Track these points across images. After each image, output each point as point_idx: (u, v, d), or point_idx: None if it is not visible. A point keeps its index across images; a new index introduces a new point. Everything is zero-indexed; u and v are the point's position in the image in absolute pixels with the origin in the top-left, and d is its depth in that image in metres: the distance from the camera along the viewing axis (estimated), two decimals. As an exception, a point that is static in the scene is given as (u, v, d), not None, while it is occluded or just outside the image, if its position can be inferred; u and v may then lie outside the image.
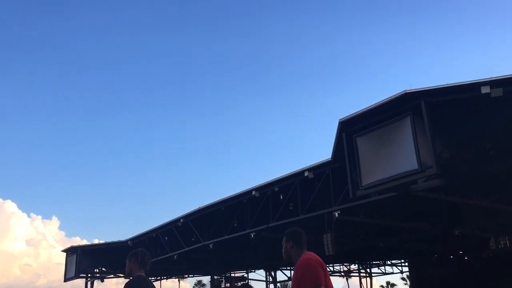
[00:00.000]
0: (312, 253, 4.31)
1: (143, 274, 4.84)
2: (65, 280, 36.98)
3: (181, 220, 27.49)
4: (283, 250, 4.50)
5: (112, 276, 40.37)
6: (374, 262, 38.33)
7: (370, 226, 23.15)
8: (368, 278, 38.67)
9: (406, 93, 12.59)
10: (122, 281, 51.86)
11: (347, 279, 56.65)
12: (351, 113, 14.79)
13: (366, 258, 36.04)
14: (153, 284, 4.73)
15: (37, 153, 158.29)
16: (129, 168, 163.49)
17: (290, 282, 60.51)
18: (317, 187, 19.18)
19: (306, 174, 19.24)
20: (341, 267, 41.62)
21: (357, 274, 40.30)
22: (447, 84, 12.28)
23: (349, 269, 41.85)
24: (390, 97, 13.20)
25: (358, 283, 39.97)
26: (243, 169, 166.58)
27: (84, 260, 34.67)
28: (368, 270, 38.58)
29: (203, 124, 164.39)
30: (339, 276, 47.31)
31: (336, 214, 18.50)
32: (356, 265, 39.41)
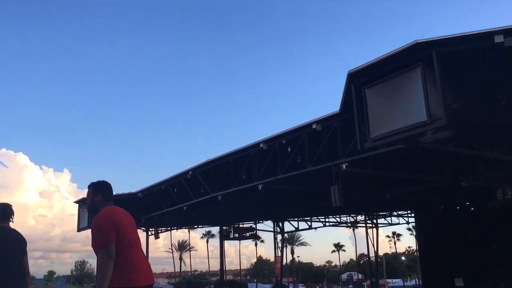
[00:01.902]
0: (113, 207, 4.24)
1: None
2: (79, 230, 38.03)
3: (190, 173, 27.78)
4: (88, 202, 4.43)
5: (123, 226, 41.35)
6: (380, 213, 38.82)
7: (377, 178, 23.27)
8: (374, 229, 39.31)
9: (417, 42, 12.28)
10: (133, 231, 53.02)
11: (353, 230, 57.91)
12: (360, 64, 14.54)
13: (373, 209, 36.49)
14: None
15: (47, 107, 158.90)
16: (138, 119, 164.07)
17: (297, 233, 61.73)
18: (325, 139, 19.16)
19: (314, 126, 19.18)
20: (348, 218, 42.26)
21: (364, 225, 40.94)
22: (459, 34, 11.93)
23: (355, 220, 42.51)
24: (401, 47, 12.89)
25: (365, 234, 40.72)
26: (252, 123, 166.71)
27: (96, 211, 35.41)
28: (374, 221, 39.13)
29: (214, 75, 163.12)
30: (346, 226, 48.21)
31: (344, 166, 18.57)
32: (363, 216, 39.97)
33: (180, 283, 60.49)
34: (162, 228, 42.82)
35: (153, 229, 40.58)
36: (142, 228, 42.20)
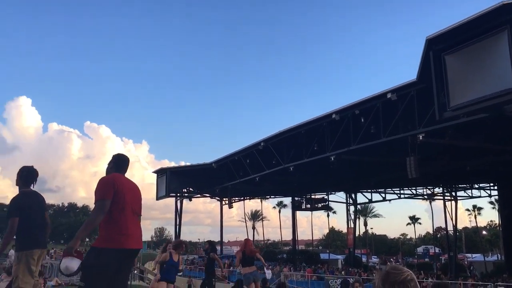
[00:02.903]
0: (119, 175, 4.63)
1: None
2: (157, 198, 40.07)
3: (262, 144, 28.09)
4: (107, 167, 4.85)
5: (199, 195, 42.99)
6: (460, 186, 37.14)
7: (456, 148, 22.22)
8: (452, 202, 37.74)
9: (504, 4, 11.39)
10: (208, 200, 54.83)
11: (430, 202, 55.93)
12: (439, 29, 13.76)
13: (452, 181, 35.01)
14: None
15: (127, 81, 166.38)
16: (211, 92, 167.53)
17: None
18: (401, 109, 18.51)
19: (389, 96, 18.57)
20: (425, 190, 40.85)
21: (441, 198, 39.42)
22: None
23: (432, 193, 40.98)
24: (485, 9, 12.02)
25: (442, 207, 39.23)
26: (325, 95, 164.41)
27: (173, 180, 37.01)
28: (453, 193, 37.54)
29: (289, 45, 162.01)
30: (422, 199, 46.72)
31: (421, 136, 17.90)
32: (441, 188, 38.45)
33: (254, 251, 62.19)
34: (235, 198, 43.92)
35: (226, 198, 41.80)
36: (216, 197, 43.63)
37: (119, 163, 4.79)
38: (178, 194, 40.04)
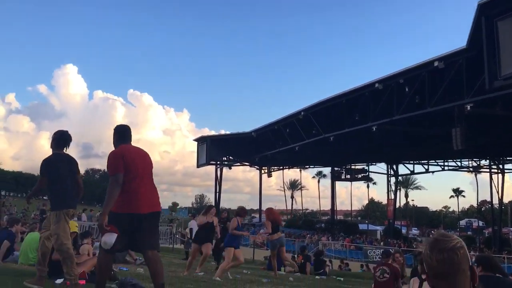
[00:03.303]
0: (126, 146, 4.85)
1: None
2: (198, 166, 40.81)
3: (302, 113, 27.89)
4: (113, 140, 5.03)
5: (238, 164, 43.46)
6: (508, 158, 35.80)
7: (506, 119, 21.33)
8: (499, 174, 36.51)
9: None
10: (248, 169, 55.48)
11: (475, 175, 54.34)
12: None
13: (499, 153, 33.79)
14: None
15: (167, 50, 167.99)
16: (254, 60, 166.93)
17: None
18: (448, 78, 17.85)
19: (435, 64, 17.91)
20: (470, 162, 39.63)
21: (488, 170, 38.19)
22: None
23: (478, 165, 39.72)
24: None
25: (488, 179, 38.04)
26: (368, 63, 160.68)
27: (213, 149, 37.50)
28: (500, 166, 36.26)
29: (337, 10, 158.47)
30: (467, 171, 45.43)
31: (468, 107, 17.25)
32: (487, 160, 37.20)
33: (292, 220, 62.67)
34: (275, 167, 44.14)
35: (265, 167, 42.06)
36: (256, 166, 43.99)
37: (121, 134, 4.99)
38: (218, 162, 40.59)
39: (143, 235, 4.61)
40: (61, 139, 5.71)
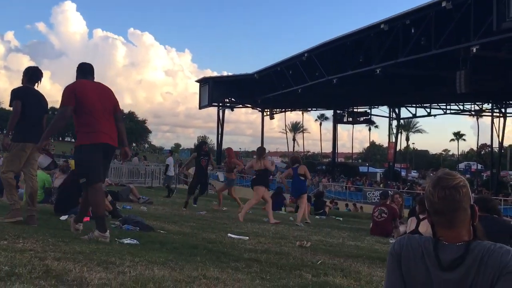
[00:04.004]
0: (81, 81, 4.89)
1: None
2: (200, 107, 40.75)
3: (306, 55, 27.49)
4: None
5: (240, 106, 43.37)
6: (510, 102, 35.58)
7: (511, 63, 21.05)
8: (501, 118, 36.45)
9: None
10: (250, 111, 55.35)
11: (477, 119, 54.21)
12: None
13: (502, 97, 33.56)
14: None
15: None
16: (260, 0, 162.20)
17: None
18: (455, 19, 17.42)
19: (443, 4, 17.41)
20: (473, 106, 39.46)
21: (490, 114, 38.07)
22: None
23: (481, 109, 39.57)
24: None
25: (490, 123, 38.01)
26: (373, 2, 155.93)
27: (215, 90, 37.28)
28: (502, 109, 36.11)
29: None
30: (469, 115, 45.29)
31: (474, 49, 16.95)
32: (489, 104, 37.00)
33: (293, 161, 63.35)
34: (277, 109, 44.06)
35: (268, 109, 41.99)
36: (258, 108, 43.88)
37: (82, 70, 5.04)
38: (220, 104, 40.49)
39: (105, 165, 4.86)
40: (33, 74, 5.71)
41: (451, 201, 1.67)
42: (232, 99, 40.68)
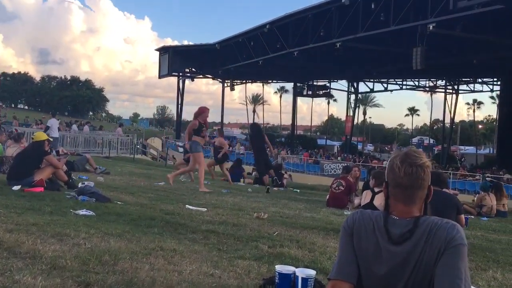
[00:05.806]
0: None
1: None
2: (160, 77, 40.00)
3: (267, 26, 27.30)
4: None
5: (201, 76, 42.83)
6: (463, 79, 36.82)
7: (465, 41, 21.70)
8: (454, 95, 37.72)
9: None
10: (211, 82, 54.76)
11: (431, 95, 55.97)
12: None
13: (456, 74, 34.66)
14: None
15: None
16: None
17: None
18: (414, -4, 17.71)
19: (403, -19, 17.63)
20: (427, 82, 40.60)
21: (443, 90, 39.29)
22: None
23: (435, 85, 40.78)
24: None
25: (443, 99, 39.31)
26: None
27: (175, 59, 36.61)
28: (455, 86, 37.35)
29: None
30: (424, 91, 46.64)
31: (431, 26, 17.37)
32: (443, 81, 38.16)
33: (253, 133, 63.61)
34: (238, 81, 43.82)
35: (229, 80, 41.71)
36: (219, 79, 43.47)
37: None
38: (181, 74, 39.86)
39: None
40: None
41: (416, 178, 1.77)
42: (193, 69, 40.12)
